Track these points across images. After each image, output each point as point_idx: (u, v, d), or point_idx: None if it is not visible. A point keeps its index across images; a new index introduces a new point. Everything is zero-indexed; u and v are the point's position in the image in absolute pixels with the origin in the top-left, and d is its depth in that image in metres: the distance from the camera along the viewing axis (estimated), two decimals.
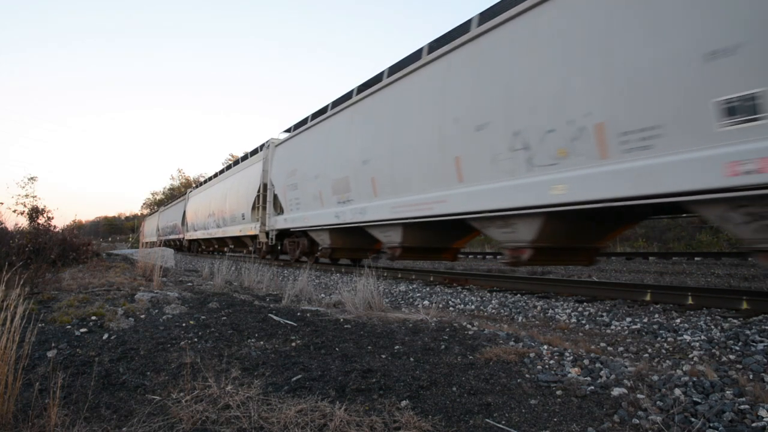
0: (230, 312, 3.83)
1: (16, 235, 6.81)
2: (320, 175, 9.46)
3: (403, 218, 6.96)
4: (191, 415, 1.75)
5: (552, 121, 4.67)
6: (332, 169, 8.98)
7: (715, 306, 4.23)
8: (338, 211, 8.82)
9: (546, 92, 4.73)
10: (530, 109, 4.89)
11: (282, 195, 11.46)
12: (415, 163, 6.69)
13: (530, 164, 4.96)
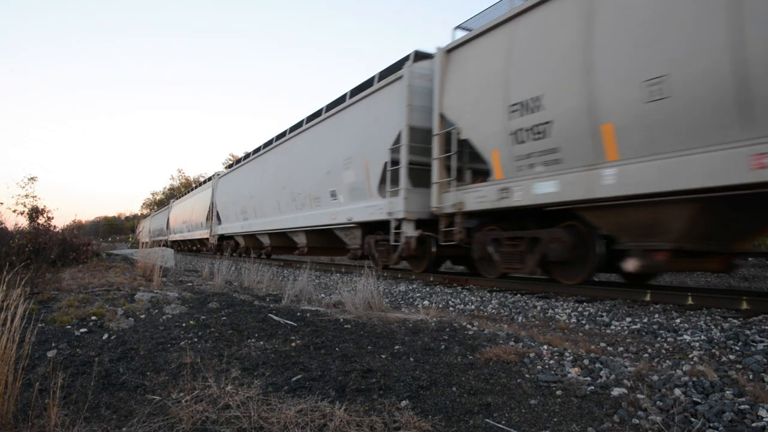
0: (230, 312, 3.83)
1: (16, 235, 6.81)
2: (237, 201, 15.99)
3: (266, 230, 13.15)
4: (191, 415, 1.75)
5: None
6: (240, 199, 15.63)
7: (715, 306, 4.23)
8: (243, 224, 15.27)
9: None
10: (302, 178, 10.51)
11: (221, 211, 17.83)
12: (269, 198, 12.92)
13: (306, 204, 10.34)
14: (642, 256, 4.51)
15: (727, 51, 3.65)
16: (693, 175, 3.88)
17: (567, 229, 5.30)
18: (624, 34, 4.35)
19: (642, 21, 4.21)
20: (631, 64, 4.28)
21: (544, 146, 5.14)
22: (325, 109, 10.09)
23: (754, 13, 3.51)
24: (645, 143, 4.23)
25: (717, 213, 4.18)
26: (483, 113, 5.92)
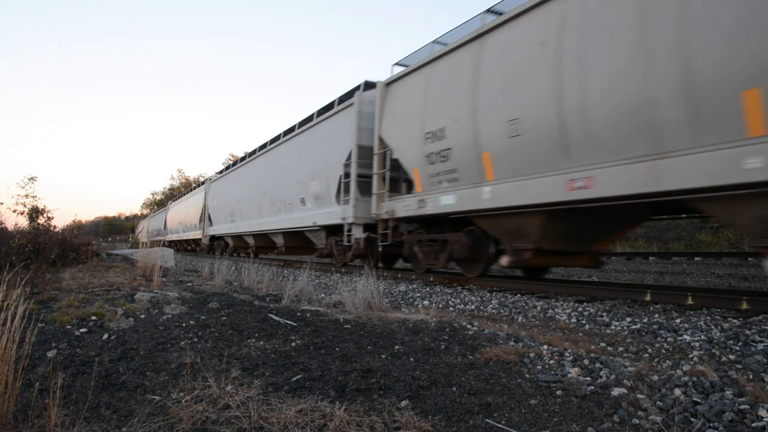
0: (230, 312, 3.83)
1: (16, 235, 6.81)
2: (226, 205, 17.28)
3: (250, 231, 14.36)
4: (191, 415, 1.75)
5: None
6: (228, 202, 16.96)
7: (715, 306, 4.23)
8: (231, 225, 16.48)
9: None
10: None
11: (212, 213, 19.12)
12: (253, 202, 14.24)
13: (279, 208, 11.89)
14: (513, 253, 5.87)
15: (553, 104, 4.95)
16: (537, 193, 5.20)
17: (467, 233, 6.63)
18: (496, 84, 5.69)
19: (506, 75, 5.55)
20: (500, 108, 5.61)
21: (447, 167, 6.51)
22: (297, 125, 11.64)
23: (569, 76, 4.81)
24: (510, 168, 5.57)
25: (563, 221, 5.39)
26: (408, 138, 7.28)
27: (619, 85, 4.41)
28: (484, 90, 5.84)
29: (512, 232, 5.85)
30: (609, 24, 4.54)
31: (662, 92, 4.10)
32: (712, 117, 3.81)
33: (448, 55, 6.68)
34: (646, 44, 4.19)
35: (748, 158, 3.56)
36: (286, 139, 12.04)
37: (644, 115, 4.24)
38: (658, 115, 4.15)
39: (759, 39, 3.44)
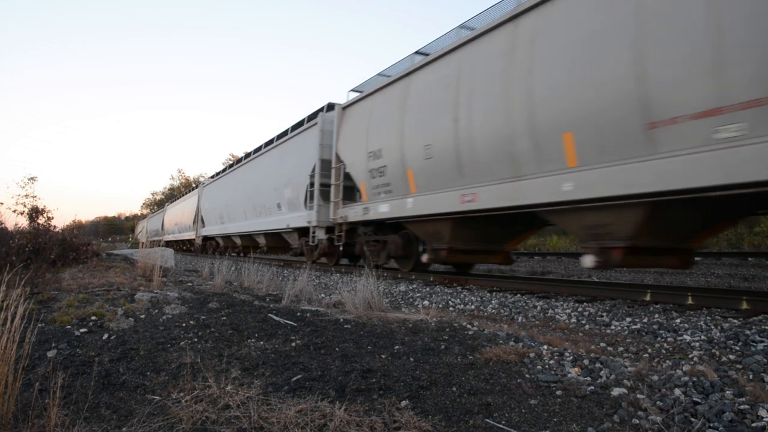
0: (230, 312, 3.83)
1: (16, 235, 6.80)
2: (216, 208, 18.82)
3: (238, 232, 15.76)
4: (191, 415, 1.75)
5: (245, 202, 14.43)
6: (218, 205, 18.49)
7: (715, 306, 4.23)
8: (221, 227, 17.99)
9: None
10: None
11: (205, 215, 20.73)
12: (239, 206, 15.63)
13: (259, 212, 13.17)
14: (432, 252, 7.18)
15: (452, 135, 6.30)
16: (443, 204, 6.54)
17: (401, 235, 8.06)
18: (417, 116, 7.06)
19: (423, 109, 6.91)
20: (419, 135, 6.98)
21: (384, 182, 7.90)
22: (275, 138, 13.34)
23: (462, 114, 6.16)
24: (426, 184, 6.97)
25: (468, 226, 6.68)
26: (357, 156, 8.62)
27: (492, 124, 5.72)
28: (409, 119, 7.22)
29: (431, 234, 7.22)
30: (486, 76, 5.88)
31: (518, 131, 5.36)
32: (547, 151, 5.09)
33: (385, 88, 8.13)
34: (508, 94, 5.48)
35: (565, 183, 4.89)
36: (266, 150, 13.77)
37: (508, 148, 5.53)
38: (516, 148, 5.43)
39: (571, 99, 4.75)
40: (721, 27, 3.59)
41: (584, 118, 4.65)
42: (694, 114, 3.84)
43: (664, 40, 4.00)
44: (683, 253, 5.14)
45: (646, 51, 4.11)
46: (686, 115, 3.90)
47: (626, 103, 4.27)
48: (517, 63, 5.41)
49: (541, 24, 5.24)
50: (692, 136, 3.87)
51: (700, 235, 5.14)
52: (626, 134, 4.33)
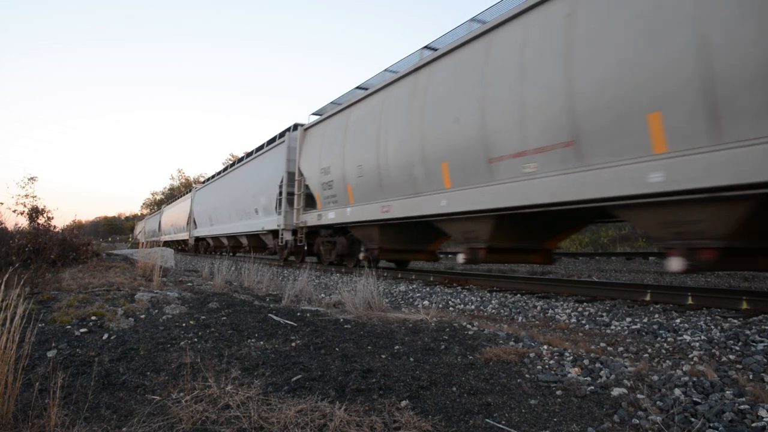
0: (230, 312, 3.83)
1: (16, 235, 6.80)
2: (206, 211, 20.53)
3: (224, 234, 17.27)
4: (191, 415, 1.75)
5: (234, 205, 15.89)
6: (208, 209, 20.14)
7: (715, 306, 4.23)
8: (210, 228, 19.70)
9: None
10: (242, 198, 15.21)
11: (197, 218, 22.33)
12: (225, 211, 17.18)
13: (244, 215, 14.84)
14: (367, 251, 8.83)
15: (375, 158, 7.89)
16: (370, 213, 8.16)
17: (347, 237, 9.75)
18: (354, 141, 8.63)
19: (358, 135, 8.55)
20: (354, 156, 8.57)
21: (331, 193, 9.55)
22: (255, 150, 15.24)
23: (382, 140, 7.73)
24: (360, 196, 8.54)
25: (393, 230, 8.23)
26: (313, 170, 10.27)
27: (401, 152, 7.32)
28: (348, 143, 8.83)
29: (366, 237, 8.85)
30: (398, 113, 7.49)
31: (415, 159, 6.97)
32: (433, 175, 6.69)
33: (334, 116, 9.89)
34: (410, 130, 7.10)
35: (442, 200, 6.52)
36: (247, 161, 15.75)
37: (410, 171, 7.15)
38: (414, 172, 7.03)
39: (446, 137, 6.38)
40: (523, 98, 5.23)
41: (454, 153, 6.27)
42: (512, 154, 5.43)
43: (495, 101, 5.59)
44: (544, 252, 6.73)
45: (486, 108, 5.71)
46: (508, 154, 5.49)
47: (476, 144, 5.87)
48: (416, 106, 7.05)
49: (430, 77, 6.93)
50: (512, 170, 5.44)
51: (554, 239, 6.66)
52: (477, 166, 5.93)
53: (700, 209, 3.91)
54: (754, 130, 3.41)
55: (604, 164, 4.45)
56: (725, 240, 3.85)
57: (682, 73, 3.72)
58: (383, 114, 7.84)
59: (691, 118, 3.76)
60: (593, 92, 4.51)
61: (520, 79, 5.30)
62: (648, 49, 3.99)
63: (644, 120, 4.10)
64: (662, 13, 3.88)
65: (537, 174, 5.11)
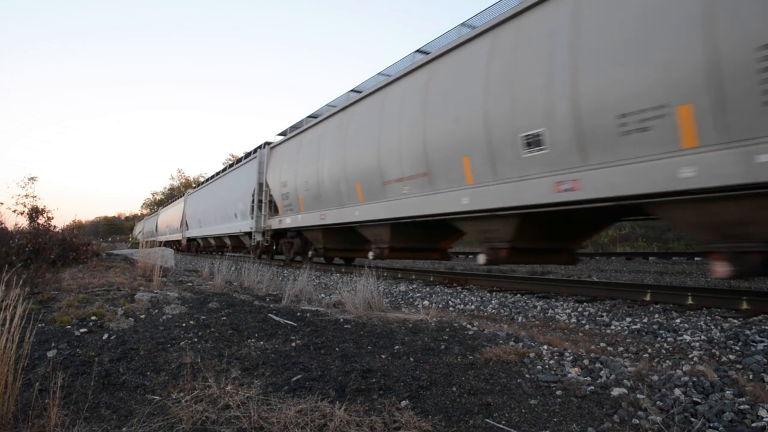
0: (230, 312, 3.83)
1: (16, 235, 6.80)
2: (196, 213, 22.16)
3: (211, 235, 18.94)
4: (191, 415, 1.75)
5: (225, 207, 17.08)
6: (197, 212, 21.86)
7: (715, 306, 4.23)
8: (200, 230, 21.31)
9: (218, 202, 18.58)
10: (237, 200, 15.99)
11: (188, 220, 23.98)
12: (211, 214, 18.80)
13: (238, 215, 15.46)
14: (315, 250, 10.83)
15: (315, 175, 9.74)
16: (313, 220, 9.97)
17: (301, 238, 11.65)
18: (303, 159, 10.50)
19: (305, 158, 10.39)
20: (304, 174, 10.36)
21: (288, 202, 11.43)
22: (235, 162, 17.42)
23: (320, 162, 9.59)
24: (308, 206, 10.34)
25: (334, 233, 10.13)
26: (276, 183, 12.11)
27: (331, 171, 9.19)
28: (300, 162, 10.69)
29: (314, 238, 10.85)
30: (330, 140, 9.42)
31: (341, 178, 8.85)
32: (351, 191, 8.59)
33: (291, 139, 11.83)
34: (337, 154, 9.01)
35: (356, 211, 8.39)
36: (230, 170, 17.69)
37: (337, 188, 9.03)
38: (340, 188, 8.92)
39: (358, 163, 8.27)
40: (400, 138, 7.19)
41: (364, 175, 8.16)
42: (395, 179, 7.39)
43: (386, 140, 7.54)
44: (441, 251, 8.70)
45: (381, 144, 7.65)
46: (393, 179, 7.45)
47: (375, 170, 7.80)
48: (342, 137, 9.00)
49: (352, 116, 8.93)
50: (396, 191, 7.40)
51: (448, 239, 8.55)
52: (377, 186, 7.85)
53: (495, 221, 5.91)
54: (511, 173, 5.43)
55: (445, 190, 6.44)
56: (511, 242, 5.78)
57: (478, 136, 5.73)
58: (323, 140, 9.81)
59: (483, 164, 5.77)
60: (437, 139, 6.44)
61: (399, 124, 7.26)
62: (463, 118, 6.00)
63: (461, 161, 6.09)
64: (465, 101, 6.00)
65: (409, 194, 7.18)
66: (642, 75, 4.08)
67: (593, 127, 4.52)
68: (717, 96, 3.66)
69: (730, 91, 3.58)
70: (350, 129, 8.69)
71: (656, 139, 4.07)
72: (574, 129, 4.69)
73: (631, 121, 4.25)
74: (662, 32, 3.93)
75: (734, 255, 3.84)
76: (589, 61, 4.52)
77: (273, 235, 12.90)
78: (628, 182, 4.28)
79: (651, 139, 4.11)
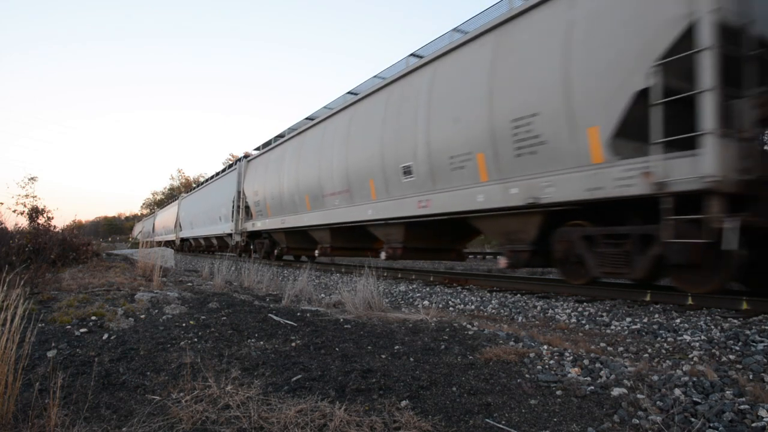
0: (230, 312, 3.83)
1: (16, 235, 6.80)
2: (188, 216, 24.37)
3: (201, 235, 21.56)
4: (191, 415, 1.75)
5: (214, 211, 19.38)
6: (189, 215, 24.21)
7: (715, 306, 4.23)
8: (191, 231, 23.40)
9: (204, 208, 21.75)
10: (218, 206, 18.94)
11: (182, 222, 26.20)
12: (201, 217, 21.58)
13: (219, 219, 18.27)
14: (280, 249, 13.17)
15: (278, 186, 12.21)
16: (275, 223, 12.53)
17: (270, 239, 13.79)
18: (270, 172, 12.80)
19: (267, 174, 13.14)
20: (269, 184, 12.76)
21: (260, 209, 13.57)
22: (219, 172, 19.99)
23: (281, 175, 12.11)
24: (273, 212, 12.59)
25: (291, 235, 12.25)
26: (250, 191, 14.38)
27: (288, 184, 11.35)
28: (268, 176, 12.95)
29: (279, 239, 12.95)
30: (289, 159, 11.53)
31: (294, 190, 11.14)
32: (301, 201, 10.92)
33: (263, 155, 14.14)
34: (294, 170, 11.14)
35: (305, 217, 10.67)
36: (217, 178, 19.84)
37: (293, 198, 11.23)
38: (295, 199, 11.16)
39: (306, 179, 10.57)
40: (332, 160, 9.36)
41: (311, 189, 10.32)
42: (330, 193, 9.50)
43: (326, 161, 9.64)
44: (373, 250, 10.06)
45: (321, 164, 9.82)
46: (329, 193, 9.53)
47: (318, 185, 9.95)
48: (296, 156, 11.28)
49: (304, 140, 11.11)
50: (331, 202, 9.48)
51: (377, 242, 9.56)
52: (319, 198, 9.98)
53: (391, 227, 8.02)
54: (397, 193, 7.61)
55: (359, 203, 8.61)
56: (403, 243, 7.93)
57: (377, 164, 7.88)
58: (284, 159, 12.02)
59: (381, 185, 7.92)
60: (355, 164, 8.58)
61: (332, 151, 9.50)
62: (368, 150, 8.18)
63: (369, 182, 8.23)
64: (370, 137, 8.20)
65: (339, 206, 9.28)
66: (460, 132, 6.20)
67: (438, 163, 6.60)
68: (494, 149, 5.72)
69: (499, 147, 5.62)
70: (303, 150, 10.97)
71: (467, 174, 6.18)
72: (428, 164, 6.79)
73: (456, 161, 6.32)
74: (469, 107, 6.06)
75: (513, 252, 5.88)
76: (437, 118, 6.63)
77: (248, 236, 15.19)
78: (454, 203, 6.36)
79: (465, 174, 6.23)
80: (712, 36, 3.73)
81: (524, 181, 5.32)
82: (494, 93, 5.67)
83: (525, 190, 5.31)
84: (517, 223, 5.71)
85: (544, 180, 5.07)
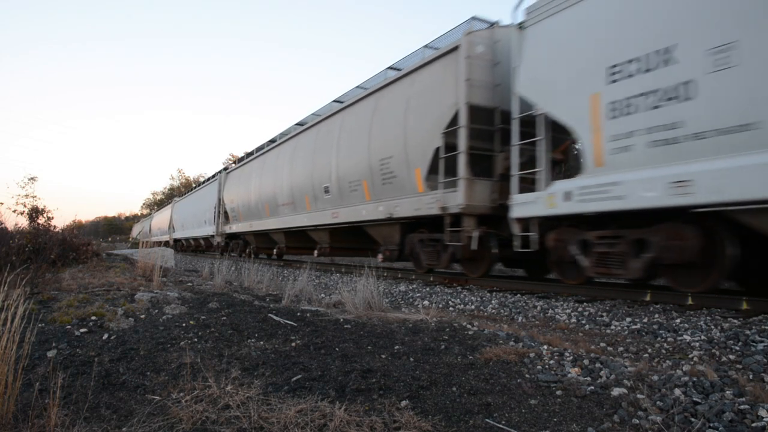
0: (230, 312, 3.83)
1: (16, 235, 6.80)
2: (180, 218, 27.12)
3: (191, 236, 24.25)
4: (191, 415, 1.75)
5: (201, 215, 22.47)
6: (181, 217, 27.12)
7: (715, 306, 4.23)
8: (183, 232, 26.03)
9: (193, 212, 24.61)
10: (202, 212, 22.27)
11: (174, 223, 28.53)
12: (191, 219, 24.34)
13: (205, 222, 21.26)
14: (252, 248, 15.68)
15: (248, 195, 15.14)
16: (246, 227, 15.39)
17: (243, 240, 16.64)
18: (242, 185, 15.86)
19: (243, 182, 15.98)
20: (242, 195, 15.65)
21: (235, 215, 16.57)
22: (204, 180, 23.29)
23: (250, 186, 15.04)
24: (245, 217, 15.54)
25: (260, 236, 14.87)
26: (228, 199, 17.09)
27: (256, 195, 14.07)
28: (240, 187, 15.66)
29: (250, 240, 15.42)
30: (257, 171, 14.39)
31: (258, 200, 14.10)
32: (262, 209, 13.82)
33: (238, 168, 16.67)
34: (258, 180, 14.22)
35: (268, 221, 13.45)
36: (204, 185, 22.51)
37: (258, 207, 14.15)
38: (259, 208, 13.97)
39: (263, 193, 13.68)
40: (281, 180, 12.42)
41: (269, 199, 12.82)
42: (283, 204, 12.13)
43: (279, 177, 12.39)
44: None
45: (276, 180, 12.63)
46: (282, 203, 12.19)
47: (273, 196, 12.64)
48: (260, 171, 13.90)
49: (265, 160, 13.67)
50: (284, 211, 12.15)
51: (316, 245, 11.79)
52: (275, 207, 12.58)
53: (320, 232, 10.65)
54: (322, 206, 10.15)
55: (300, 213, 11.10)
56: (330, 243, 10.59)
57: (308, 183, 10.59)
58: (252, 173, 14.62)
59: (312, 199, 10.45)
60: (297, 182, 11.12)
61: (282, 170, 12.12)
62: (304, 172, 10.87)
63: (304, 197, 10.81)
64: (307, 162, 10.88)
65: (288, 214, 11.80)
66: (353, 163, 8.73)
67: (342, 185, 9.10)
68: (372, 179, 8.22)
69: (374, 177, 8.14)
70: (264, 168, 13.62)
71: (358, 195, 8.71)
72: (338, 186, 9.29)
73: (352, 185, 8.82)
74: (359, 147, 8.54)
75: (388, 251, 8.37)
76: (343, 153, 9.17)
77: (227, 237, 17.81)
78: (351, 215, 8.84)
79: (357, 195, 8.75)
80: (466, 118, 6.15)
81: (386, 202, 7.94)
82: (372, 139, 8.23)
83: (386, 208, 7.90)
84: (389, 230, 8.38)
85: (395, 202, 7.67)
